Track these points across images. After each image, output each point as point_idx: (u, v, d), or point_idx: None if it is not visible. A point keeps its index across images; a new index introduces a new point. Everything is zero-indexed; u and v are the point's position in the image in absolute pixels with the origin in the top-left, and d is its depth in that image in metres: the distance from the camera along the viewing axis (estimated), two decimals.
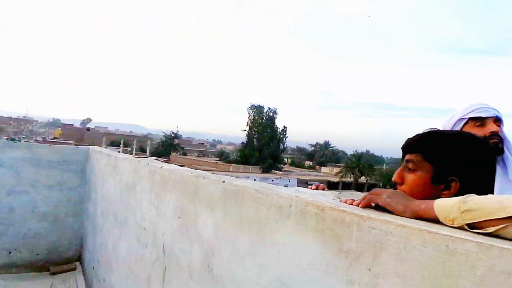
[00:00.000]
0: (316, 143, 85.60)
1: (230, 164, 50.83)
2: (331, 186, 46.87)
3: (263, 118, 57.13)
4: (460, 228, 0.79)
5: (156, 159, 3.01)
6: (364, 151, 79.30)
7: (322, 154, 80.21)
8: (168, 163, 2.54)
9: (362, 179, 48.32)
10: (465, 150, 1.04)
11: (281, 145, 59.16)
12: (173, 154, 60.66)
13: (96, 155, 4.35)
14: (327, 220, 1.05)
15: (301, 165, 77.79)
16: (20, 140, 43.58)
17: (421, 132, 1.13)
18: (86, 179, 4.69)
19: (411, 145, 1.12)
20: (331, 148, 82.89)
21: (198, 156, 72.71)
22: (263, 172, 48.81)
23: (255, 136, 56.79)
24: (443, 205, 0.83)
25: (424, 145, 1.10)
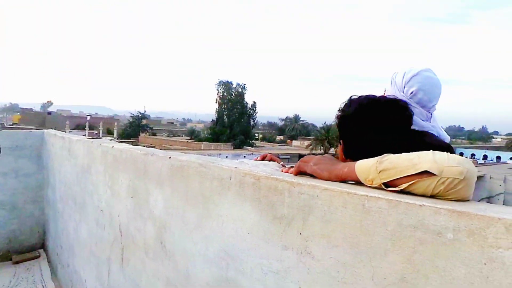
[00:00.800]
0: (286, 117, 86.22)
1: (201, 143, 50.39)
2: None
3: (232, 94, 56.54)
4: (379, 188, 0.83)
5: (111, 140, 2.92)
6: (333, 123, 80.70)
7: (292, 128, 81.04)
8: (136, 144, 2.48)
9: (332, 150, 49.53)
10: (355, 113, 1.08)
11: (252, 120, 59.11)
12: (142, 135, 59.31)
13: (51, 138, 4.17)
14: (262, 189, 1.07)
15: (272, 140, 78.40)
16: None
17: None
18: (43, 164, 4.51)
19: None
20: (301, 122, 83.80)
21: (168, 136, 71.52)
22: (235, 148, 48.87)
23: (224, 113, 56.29)
24: (363, 167, 0.86)
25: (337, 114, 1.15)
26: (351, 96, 1.10)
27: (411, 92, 1.22)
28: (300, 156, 48.46)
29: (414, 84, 1.23)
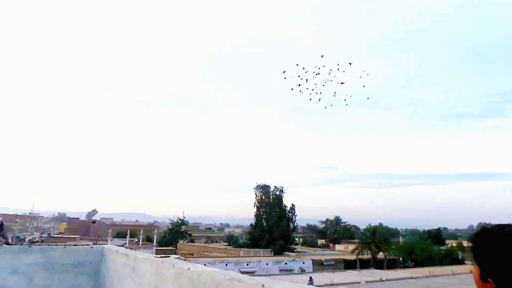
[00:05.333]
0: (327, 219, 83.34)
1: (240, 249, 48.89)
2: (348, 265, 44.28)
3: (270, 198, 56.47)
4: None
5: (178, 257, 2.91)
6: (377, 224, 76.75)
7: (334, 231, 77.60)
8: (175, 252, 2.45)
9: (380, 254, 45.93)
10: (500, 251, 1.07)
11: (291, 224, 57.57)
12: (181, 242, 58.91)
13: (112, 254, 4.23)
14: None
15: (313, 244, 74.77)
16: (24, 238, 42.66)
17: (478, 229, 1.17)
18: (101, 281, 4.49)
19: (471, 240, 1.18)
20: (343, 224, 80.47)
21: (206, 242, 70.43)
22: (275, 254, 46.74)
23: (263, 216, 55.54)
24: None
25: (473, 245, 1.16)
26: (483, 227, 1.12)
27: None
28: (346, 262, 45.20)
29: None
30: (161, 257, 2.87)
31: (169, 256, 2.91)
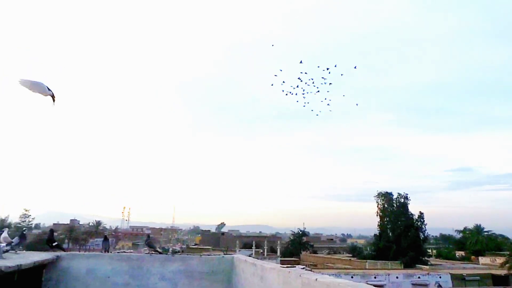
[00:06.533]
0: (465, 228, 73.23)
1: (365, 261, 46.53)
2: (498, 281, 37.82)
3: (393, 206, 52.65)
4: None
5: (304, 268, 2.93)
6: None
7: (475, 241, 67.64)
8: (299, 263, 2.44)
9: None
10: None
11: (421, 234, 52.38)
12: (304, 253, 59.19)
13: (241, 264, 4.49)
14: None
15: (450, 256, 66.40)
16: (168, 250, 48.76)
17: None
18: None
19: None
20: (486, 233, 69.61)
21: (328, 253, 69.20)
22: (405, 267, 43.02)
23: (388, 226, 51.97)
24: None
25: None
26: None
27: None
28: (494, 277, 38.67)
29: None
30: (287, 267, 2.93)
31: (295, 266, 2.94)
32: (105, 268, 5.00)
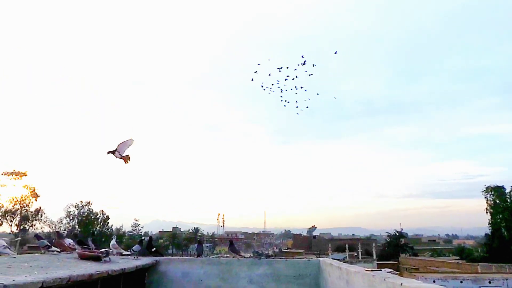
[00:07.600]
0: None
1: (476, 264, 41.57)
2: None
3: (507, 201, 46.25)
4: None
5: (390, 271, 2.71)
6: None
7: None
8: (398, 266, 2.22)
9: None
10: None
11: None
12: (402, 255, 55.31)
13: (327, 268, 4.36)
14: None
15: None
16: (262, 254, 50.08)
17: None
18: None
19: None
20: None
21: (431, 255, 63.56)
22: None
23: (501, 224, 45.77)
24: None
25: None
26: None
27: None
28: None
29: None
30: (371, 270, 2.75)
31: (381, 270, 2.74)
32: (198, 271, 5.30)
